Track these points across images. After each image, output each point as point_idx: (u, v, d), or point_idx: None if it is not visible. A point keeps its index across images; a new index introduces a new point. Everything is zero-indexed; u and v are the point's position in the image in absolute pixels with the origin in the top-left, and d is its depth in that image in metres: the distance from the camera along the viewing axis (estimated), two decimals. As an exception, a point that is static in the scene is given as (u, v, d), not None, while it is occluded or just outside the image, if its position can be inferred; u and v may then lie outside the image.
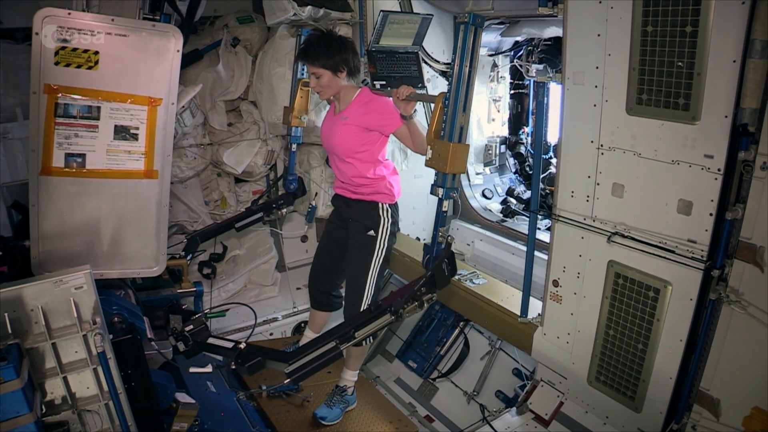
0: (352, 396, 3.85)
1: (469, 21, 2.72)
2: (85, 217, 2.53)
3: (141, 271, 2.72)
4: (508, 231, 4.58)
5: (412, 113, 3.20)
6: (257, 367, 2.74)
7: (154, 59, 2.49)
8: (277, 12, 4.11)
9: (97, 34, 2.37)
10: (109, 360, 2.21)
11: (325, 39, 3.29)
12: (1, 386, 1.91)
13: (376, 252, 3.46)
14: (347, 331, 2.80)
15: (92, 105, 2.44)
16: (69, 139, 2.44)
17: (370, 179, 3.43)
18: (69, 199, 2.49)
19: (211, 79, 4.58)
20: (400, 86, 3.17)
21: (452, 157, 2.80)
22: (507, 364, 4.06)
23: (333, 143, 3.45)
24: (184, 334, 2.84)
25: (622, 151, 2.71)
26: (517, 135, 5.06)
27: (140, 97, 2.51)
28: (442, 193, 2.93)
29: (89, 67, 2.39)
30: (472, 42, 2.79)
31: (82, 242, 2.54)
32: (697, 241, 2.49)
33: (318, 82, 3.33)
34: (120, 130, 2.50)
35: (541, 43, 4.53)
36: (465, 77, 2.82)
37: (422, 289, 2.89)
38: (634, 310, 2.77)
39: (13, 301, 2.05)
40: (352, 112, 3.37)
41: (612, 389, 2.94)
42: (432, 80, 4.65)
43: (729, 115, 2.29)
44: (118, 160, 2.53)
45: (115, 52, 2.42)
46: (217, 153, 4.79)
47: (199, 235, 4.00)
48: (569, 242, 3.04)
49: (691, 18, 2.31)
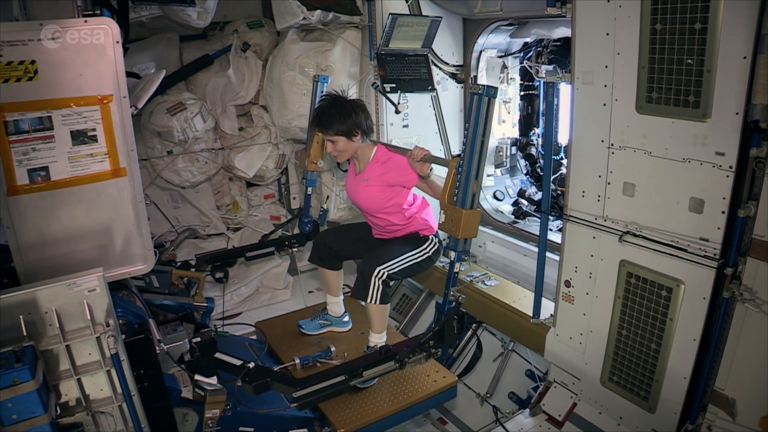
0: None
1: (483, 93, 2.72)
2: (63, 228, 2.46)
3: (131, 271, 2.66)
4: (519, 232, 4.57)
5: (429, 172, 3.19)
6: (263, 387, 2.77)
7: (95, 56, 2.38)
8: (287, 16, 4.15)
9: (29, 43, 2.26)
10: (122, 362, 2.22)
11: (336, 106, 3.29)
12: (17, 387, 1.93)
13: (419, 249, 3.36)
14: (356, 368, 2.89)
15: (42, 116, 2.34)
16: (27, 154, 2.35)
17: (404, 224, 3.43)
18: (42, 213, 2.42)
19: (221, 84, 4.62)
20: (414, 147, 3.18)
21: (465, 223, 2.84)
22: (520, 365, 4.05)
23: (360, 204, 3.49)
24: (191, 344, 2.88)
25: (632, 150, 2.70)
26: (528, 136, 5.04)
27: (89, 98, 2.41)
28: (455, 257, 2.98)
29: (29, 78, 2.28)
30: (485, 112, 2.79)
31: (66, 252, 2.49)
32: (709, 240, 2.47)
33: (334, 147, 3.34)
34: (77, 135, 2.41)
35: (551, 43, 4.52)
36: (478, 146, 2.83)
37: (430, 342, 2.98)
38: (646, 310, 2.75)
39: (27, 304, 2.07)
40: (372, 172, 3.38)
41: (625, 389, 2.92)
42: (442, 82, 4.66)
43: (740, 112, 2.27)
44: (83, 165, 2.45)
45: (53, 58, 2.30)
46: (228, 157, 4.83)
47: (210, 256, 4.03)
48: (581, 242, 3.03)
49: (700, 15, 2.29)
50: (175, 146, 4.53)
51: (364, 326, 3.61)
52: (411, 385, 3.29)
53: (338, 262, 3.74)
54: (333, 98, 3.36)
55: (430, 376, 3.61)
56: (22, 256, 2.41)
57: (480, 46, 4.61)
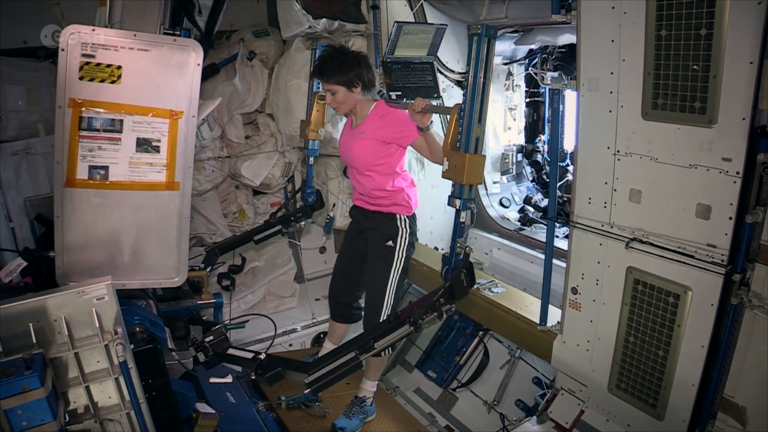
0: (371, 407, 3.84)
1: (482, 32, 2.72)
2: (108, 228, 2.57)
3: (162, 282, 2.74)
4: (526, 239, 4.57)
5: (429, 125, 3.22)
6: (277, 377, 2.76)
7: (175, 73, 2.53)
8: (293, 25, 4.17)
9: (120, 50, 2.42)
10: (131, 370, 2.24)
11: (339, 55, 3.31)
12: (27, 394, 1.94)
13: (395, 262, 3.49)
14: (367, 341, 2.82)
15: (115, 118, 2.48)
16: (92, 151, 2.48)
17: (389, 191, 3.46)
18: (92, 210, 2.53)
19: (228, 92, 4.64)
20: (416, 98, 3.19)
21: (469, 168, 2.81)
22: (527, 372, 4.03)
23: (352, 157, 3.49)
24: (204, 345, 2.88)
25: (638, 156, 2.69)
26: (534, 143, 5.06)
27: (162, 110, 2.55)
28: (460, 204, 2.95)
29: (112, 81, 2.44)
30: (485, 53, 2.79)
31: (105, 253, 2.58)
32: (716, 246, 2.46)
33: (333, 98, 3.35)
34: (142, 142, 2.54)
35: (556, 50, 4.53)
36: (480, 88, 2.82)
37: (441, 300, 2.89)
38: (654, 317, 2.74)
39: (37, 312, 2.09)
40: (368, 126, 3.40)
41: (633, 397, 2.90)
42: (447, 90, 4.67)
43: (747, 118, 2.26)
44: (140, 172, 2.56)
45: (137, 67, 2.47)
46: (234, 165, 4.85)
47: (219, 247, 4.05)
48: (587, 249, 3.03)
49: (705, 20, 2.29)
50: (182, 154, 4.54)
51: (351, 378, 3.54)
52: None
53: (356, 312, 3.89)
54: (336, 48, 3.37)
55: None
56: (64, 256, 2.52)
57: (485, 54, 4.62)
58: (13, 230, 3.57)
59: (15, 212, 3.60)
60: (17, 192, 3.63)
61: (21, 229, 3.59)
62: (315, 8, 4.11)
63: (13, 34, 3.33)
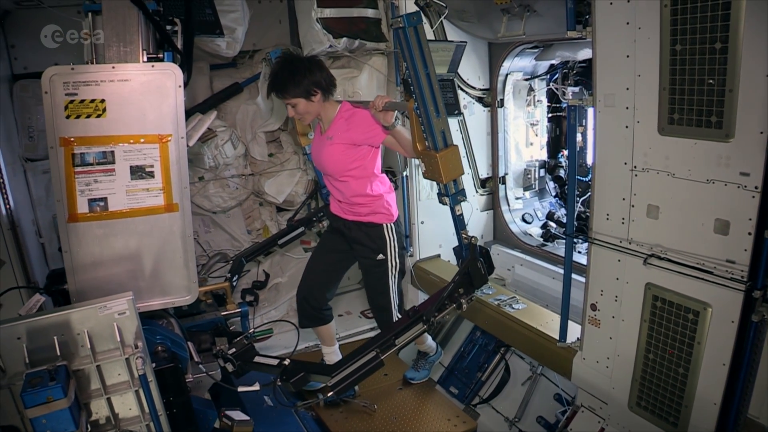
0: (436, 354, 4.12)
1: (405, 25, 2.63)
2: (116, 256, 2.63)
3: (175, 301, 2.80)
4: (548, 255, 4.54)
5: (394, 122, 3.15)
6: (302, 382, 2.79)
7: (158, 98, 2.58)
8: (314, 44, 4.25)
9: (101, 83, 2.48)
10: (150, 383, 2.30)
11: (288, 66, 3.24)
12: (51, 404, 2.02)
13: (390, 271, 3.54)
14: (388, 339, 2.83)
15: (106, 150, 2.54)
16: (89, 185, 2.54)
17: (368, 197, 3.42)
18: (98, 241, 2.59)
19: (251, 111, 4.74)
20: (376, 97, 3.13)
21: (443, 166, 2.79)
22: (548, 389, 4.00)
23: (324, 164, 3.45)
24: (229, 357, 2.93)
25: (655, 171, 2.68)
26: (556, 158, 5.03)
27: (150, 136, 2.60)
28: (450, 201, 2.95)
29: (98, 115, 2.50)
30: (417, 43, 2.68)
31: (115, 281, 2.63)
32: (736, 262, 2.42)
33: (295, 111, 3.31)
34: (136, 170, 2.60)
35: (576, 65, 4.52)
36: (424, 81, 2.74)
37: (459, 290, 2.87)
38: (673, 333, 2.70)
39: (61, 325, 2.17)
40: (336, 130, 3.35)
41: (654, 415, 2.85)
42: (468, 107, 4.70)
43: (764, 131, 2.24)
44: (138, 199, 2.62)
45: (120, 98, 2.52)
46: (258, 183, 4.93)
47: (244, 256, 4.12)
48: (606, 265, 3.00)
49: (720, 34, 2.28)
50: (206, 172, 4.66)
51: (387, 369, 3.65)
52: (429, 429, 3.25)
53: (326, 313, 3.87)
54: (284, 59, 3.30)
55: (450, 420, 3.60)
56: (75, 276, 2.59)
57: (506, 70, 4.66)
58: (42, 246, 3.68)
59: (45, 228, 3.72)
60: (47, 209, 3.75)
61: (51, 244, 3.70)
62: (335, 28, 4.19)
63: (43, 57, 3.44)
